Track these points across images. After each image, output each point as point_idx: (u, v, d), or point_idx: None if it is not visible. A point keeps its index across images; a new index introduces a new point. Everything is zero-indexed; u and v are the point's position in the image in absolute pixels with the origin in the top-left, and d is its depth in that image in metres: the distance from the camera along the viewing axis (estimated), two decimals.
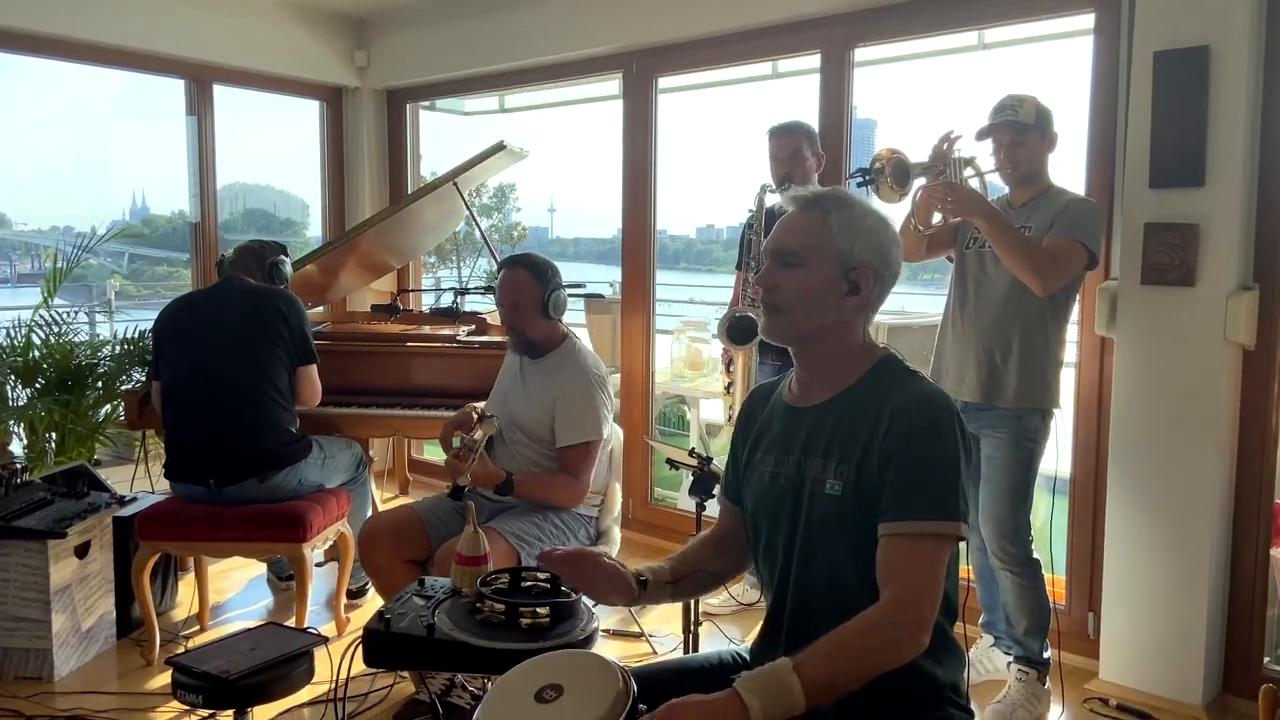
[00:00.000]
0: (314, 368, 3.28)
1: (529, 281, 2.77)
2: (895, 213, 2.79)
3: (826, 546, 1.52)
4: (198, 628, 3.43)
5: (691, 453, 2.65)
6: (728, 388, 3.51)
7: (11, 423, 3.87)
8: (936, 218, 2.83)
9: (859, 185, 2.67)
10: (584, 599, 1.84)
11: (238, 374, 3.10)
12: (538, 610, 1.76)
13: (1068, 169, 2.95)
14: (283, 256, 3.41)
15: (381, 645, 1.76)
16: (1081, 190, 3.05)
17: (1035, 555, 2.83)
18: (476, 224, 4.20)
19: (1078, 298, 2.85)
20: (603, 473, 2.90)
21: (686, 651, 2.78)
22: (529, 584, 1.92)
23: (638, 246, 4.44)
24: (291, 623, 3.13)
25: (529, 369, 2.88)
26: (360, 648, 1.78)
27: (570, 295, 2.95)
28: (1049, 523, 3.18)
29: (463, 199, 4.09)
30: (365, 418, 3.64)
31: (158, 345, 3.26)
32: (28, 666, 2.97)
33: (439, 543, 2.69)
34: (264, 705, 2.27)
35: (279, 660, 2.22)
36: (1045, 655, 2.87)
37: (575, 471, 2.73)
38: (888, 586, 1.41)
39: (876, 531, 1.46)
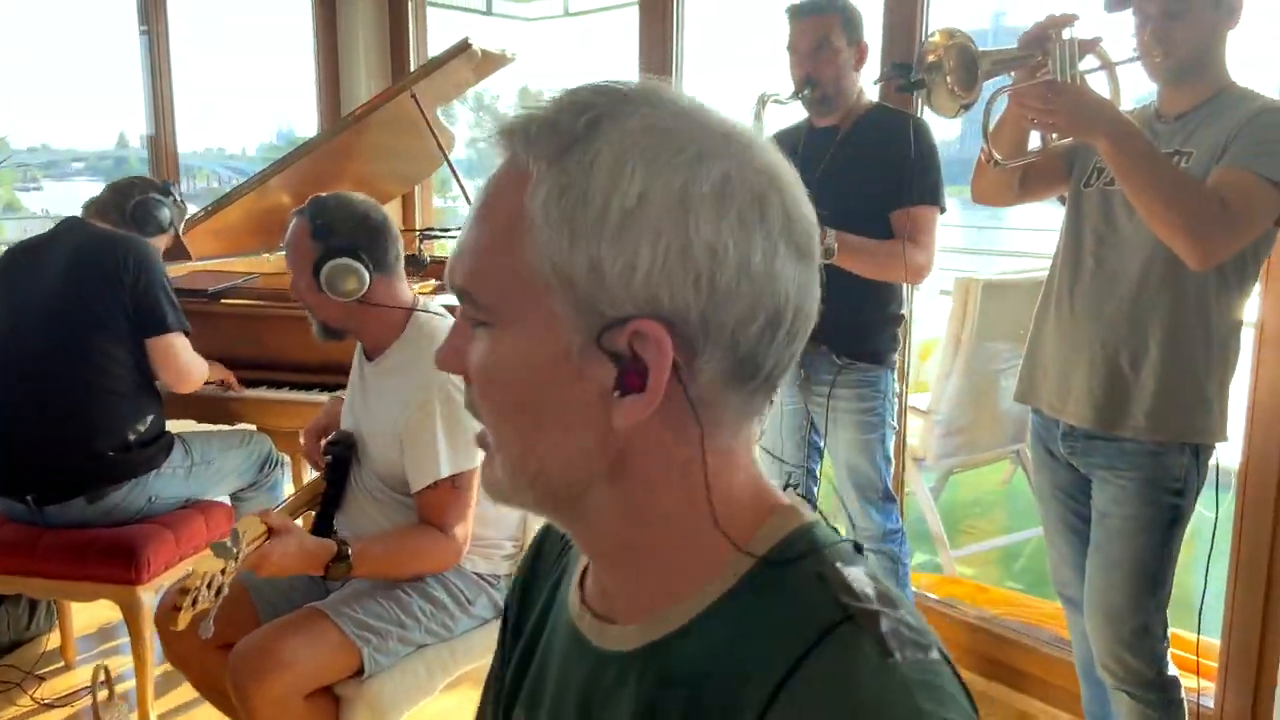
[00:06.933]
0: (173, 338, 2.42)
1: (303, 239, 1.81)
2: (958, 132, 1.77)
3: None
4: (61, 664, 2.74)
5: None
6: None
7: None
8: (1034, 141, 1.79)
9: (900, 90, 1.65)
10: None
11: (56, 352, 2.30)
12: None
13: (1258, 62, 1.85)
14: (156, 196, 2.58)
15: None
16: (1277, 92, 1.93)
17: (1172, 671, 1.83)
18: (441, 147, 3.26)
19: (1263, 267, 1.78)
20: (513, 515, 2.00)
21: None
22: None
23: None
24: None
25: (369, 374, 1.95)
26: None
27: None
28: (1204, 575, 2.09)
29: (422, 114, 3.18)
30: (275, 403, 2.80)
31: None
32: None
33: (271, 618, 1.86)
34: None
35: None
36: None
37: (440, 523, 1.79)
38: None
39: None
